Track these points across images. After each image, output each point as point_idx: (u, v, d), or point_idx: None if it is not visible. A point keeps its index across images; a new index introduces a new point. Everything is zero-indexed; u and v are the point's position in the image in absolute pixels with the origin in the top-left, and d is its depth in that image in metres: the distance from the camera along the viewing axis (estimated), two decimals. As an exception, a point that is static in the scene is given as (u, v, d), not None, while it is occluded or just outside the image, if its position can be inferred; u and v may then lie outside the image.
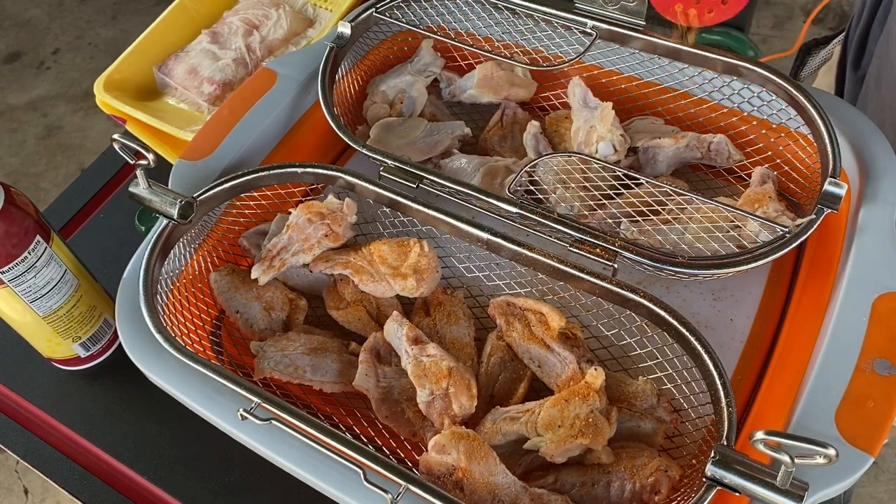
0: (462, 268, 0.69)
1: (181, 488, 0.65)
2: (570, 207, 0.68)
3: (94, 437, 0.68)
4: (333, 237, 0.64)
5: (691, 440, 0.57)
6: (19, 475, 1.63)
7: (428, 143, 0.74)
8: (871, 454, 0.48)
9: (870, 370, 0.52)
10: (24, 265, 0.60)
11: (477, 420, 0.57)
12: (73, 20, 2.56)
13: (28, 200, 0.62)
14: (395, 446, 0.59)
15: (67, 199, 0.88)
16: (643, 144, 0.72)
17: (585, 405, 0.53)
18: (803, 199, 0.69)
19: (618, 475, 0.53)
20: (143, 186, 0.60)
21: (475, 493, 0.51)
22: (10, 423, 0.70)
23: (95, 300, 0.68)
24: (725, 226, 0.64)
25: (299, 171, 0.67)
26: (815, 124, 0.65)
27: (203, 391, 0.56)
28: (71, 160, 2.17)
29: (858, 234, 0.60)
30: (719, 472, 0.45)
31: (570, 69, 0.77)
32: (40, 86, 2.37)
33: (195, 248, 0.66)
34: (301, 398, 0.61)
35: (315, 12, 0.97)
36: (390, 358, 0.61)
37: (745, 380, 0.61)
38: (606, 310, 0.62)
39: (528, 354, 0.60)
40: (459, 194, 0.65)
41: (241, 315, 0.64)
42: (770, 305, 0.65)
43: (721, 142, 0.70)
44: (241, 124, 0.71)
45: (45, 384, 0.72)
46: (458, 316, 0.63)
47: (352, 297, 0.65)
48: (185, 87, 0.88)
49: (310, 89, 0.75)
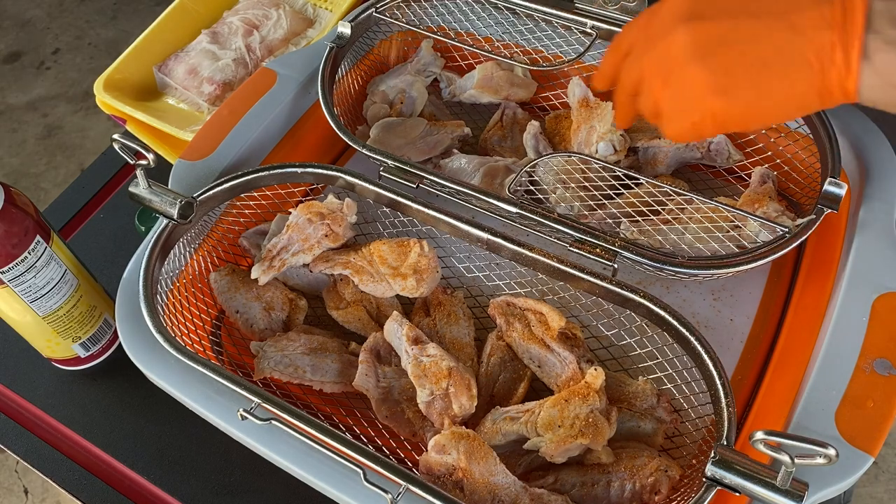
0: (462, 268, 0.69)
1: (181, 488, 0.65)
2: (570, 207, 0.68)
3: (94, 437, 0.68)
4: (333, 237, 0.64)
5: (691, 440, 0.57)
6: (19, 475, 1.63)
7: (428, 143, 0.74)
8: (871, 454, 0.48)
9: (870, 370, 0.52)
10: (24, 265, 0.60)
11: (477, 420, 0.57)
12: (73, 20, 2.56)
13: (28, 200, 0.62)
14: (395, 446, 0.59)
15: (67, 199, 0.88)
16: (643, 144, 0.72)
17: (585, 405, 0.53)
18: (803, 199, 0.69)
19: (618, 475, 0.53)
20: (143, 186, 0.60)
21: (475, 493, 0.51)
22: (10, 423, 0.70)
23: (95, 300, 0.68)
24: (725, 226, 0.64)
25: (299, 171, 0.67)
26: (814, 124, 0.65)
27: (203, 391, 0.56)
28: (71, 160, 2.17)
29: (858, 234, 0.60)
30: (719, 472, 0.45)
31: (570, 69, 0.77)
32: (40, 86, 2.37)
33: (195, 248, 0.66)
34: (301, 398, 0.61)
35: (315, 12, 0.97)
36: (390, 358, 0.61)
37: (745, 380, 0.61)
38: (606, 310, 0.62)
39: (528, 354, 0.60)
40: (459, 194, 0.65)
41: (241, 315, 0.64)
42: (770, 305, 0.65)
43: (721, 142, 0.70)
44: (241, 124, 0.71)
45: (45, 384, 0.72)
46: (458, 316, 0.63)
47: (352, 297, 0.65)
48: (185, 87, 0.88)
49: (310, 89, 0.75)
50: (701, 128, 0.49)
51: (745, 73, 0.45)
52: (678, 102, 0.48)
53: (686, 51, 0.46)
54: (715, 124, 0.48)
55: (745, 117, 0.47)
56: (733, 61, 0.46)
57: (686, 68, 0.47)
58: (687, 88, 0.47)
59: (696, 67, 0.46)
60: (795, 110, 0.47)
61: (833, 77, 0.44)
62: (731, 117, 0.47)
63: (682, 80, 0.47)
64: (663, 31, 0.48)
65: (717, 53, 0.46)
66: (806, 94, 0.45)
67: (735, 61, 0.46)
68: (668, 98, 0.49)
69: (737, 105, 0.46)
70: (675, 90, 0.48)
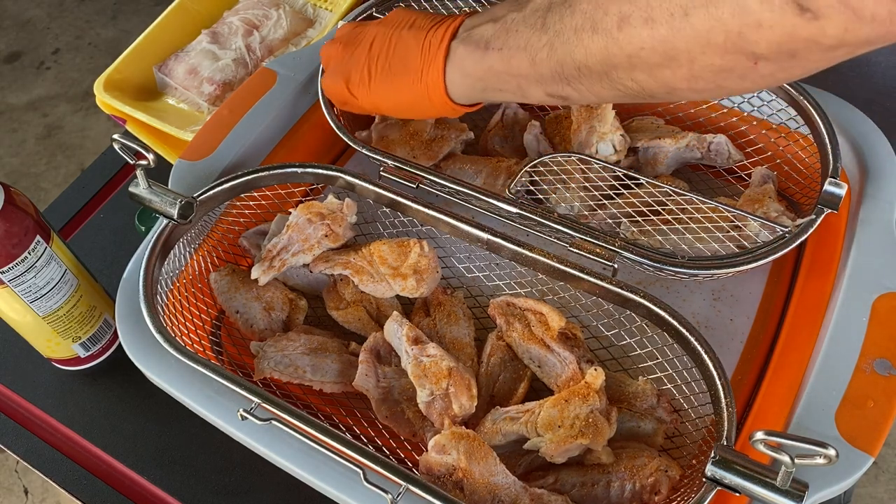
0: (462, 268, 0.69)
1: (181, 488, 0.65)
2: (570, 207, 0.68)
3: (94, 437, 0.68)
4: (333, 237, 0.64)
5: (691, 440, 0.57)
6: (19, 475, 1.63)
7: (431, 146, 0.74)
8: (871, 454, 0.48)
9: (870, 370, 0.52)
10: (24, 265, 0.60)
11: (477, 420, 0.57)
12: (73, 20, 2.56)
13: (28, 200, 0.62)
14: (395, 446, 0.59)
15: (67, 199, 0.88)
16: (643, 144, 0.72)
17: (585, 405, 0.53)
18: (803, 199, 0.69)
19: (618, 475, 0.53)
20: (143, 186, 0.60)
21: (475, 494, 0.51)
22: (10, 423, 0.70)
23: (95, 300, 0.68)
24: (725, 226, 0.64)
25: (299, 171, 0.67)
26: (815, 124, 0.65)
27: (203, 391, 0.56)
28: (71, 160, 2.17)
29: (858, 234, 0.60)
30: (719, 473, 0.45)
31: (570, 69, 0.77)
32: (40, 86, 2.37)
33: (195, 248, 0.66)
34: (301, 398, 0.61)
35: (315, 12, 0.97)
36: (390, 358, 0.61)
37: (745, 380, 0.61)
38: (606, 310, 0.62)
39: (528, 354, 0.60)
40: (459, 194, 0.65)
41: (241, 315, 0.64)
42: (770, 305, 0.65)
43: (721, 142, 0.70)
44: (241, 124, 0.71)
45: (45, 384, 0.72)
46: (458, 316, 0.63)
47: (352, 298, 0.65)
48: (185, 87, 0.88)
49: (310, 89, 0.75)
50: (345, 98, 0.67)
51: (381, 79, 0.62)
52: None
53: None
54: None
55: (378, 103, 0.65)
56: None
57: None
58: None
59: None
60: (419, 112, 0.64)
61: (429, 81, 0.58)
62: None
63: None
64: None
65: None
66: (416, 97, 0.60)
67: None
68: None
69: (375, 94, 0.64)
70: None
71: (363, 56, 0.63)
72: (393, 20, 0.63)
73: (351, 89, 0.64)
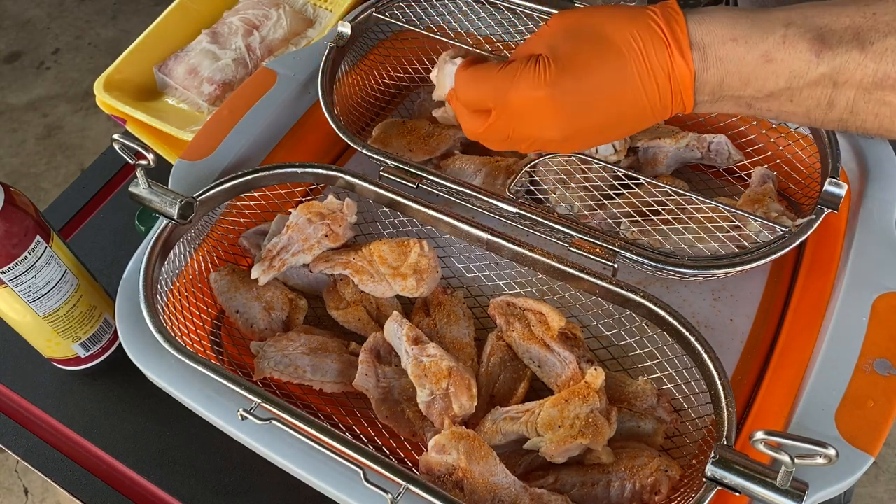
0: (462, 268, 0.69)
1: (181, 488, 0.65)
2: (570, 207, 0.68)
3: (94, 437, 0.68)
4: (333, 237, 0.64)
5: (691, 440, 0.57)
6: (19, 475, 1.63)
7: (430, 144, 0.74)
8: (871, 454, 0.48)
9: (870, 370, 0.52)
10: (24, 265, 0.60)
11: (477, 420, 0.57)
12: (73, 20, 2.56)
13: (28, 200, 0.62)
14: (395, 446, 0.59)
15: (67, 199, 0.88)
16: (643, 144, 0.72)
17: (585, 405, 0.53)
18: (803, 199, 0.69)
19: (618, 475, 0.53)
20: (143, 186, 0.60)
21: (475, 493, 0.51)
22: (10, 423, 0.70)
23: (95, 300, 0.68)
24: (725, 226, 0.64)
25: (299, 171, 0.67)
26: (815, 124, 0.65)
27: (203, 391, 0.56)
28: (71, 160, 2.17)
29: (858, 234, 0.60)
30: (719, 472, 0.45)
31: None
32: (40, 86, 2.37)
33: (195, 248, 0.66)
34: (301, 398, 0.61)
35: (315, 12, 0.97)
36: (390, 358, 0.61)
37: (745, 380, 0.61)
38: (606, 310, 0.62)
39: (528, 354, 0.60)
40: (459, 194, 0.65)
41: (241, 315, 0.64)
42: (770, 305, 0.65)
43: (721, 142, 0.70)
44: (241, 124, 0.71)
45: (45, 384, 0.72)
46: (458, 316, 0.63)
47: (352, 297, 0.65)
48: (185, 87, 0.88)
49: (310, 89, 0.75)
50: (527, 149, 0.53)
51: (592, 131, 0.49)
52: (524, 136, 0.51)
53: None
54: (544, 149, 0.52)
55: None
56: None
57: (542, 123, 0.49)
58: (536, 131, 0.50)
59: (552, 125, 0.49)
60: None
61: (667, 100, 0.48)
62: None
63: (536, 126, 0.50)
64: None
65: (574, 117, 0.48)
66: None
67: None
68: (517, 132, 0.51)
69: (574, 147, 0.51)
70: (527, 131, 0.50)
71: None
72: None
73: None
